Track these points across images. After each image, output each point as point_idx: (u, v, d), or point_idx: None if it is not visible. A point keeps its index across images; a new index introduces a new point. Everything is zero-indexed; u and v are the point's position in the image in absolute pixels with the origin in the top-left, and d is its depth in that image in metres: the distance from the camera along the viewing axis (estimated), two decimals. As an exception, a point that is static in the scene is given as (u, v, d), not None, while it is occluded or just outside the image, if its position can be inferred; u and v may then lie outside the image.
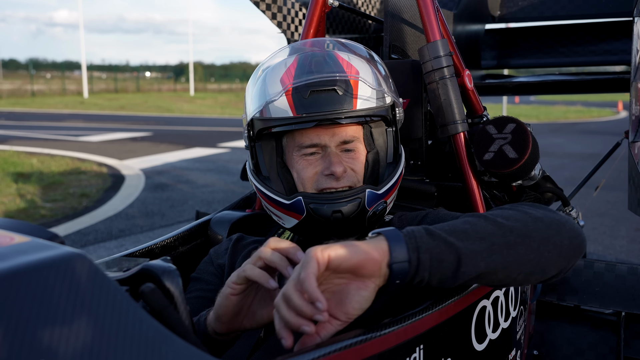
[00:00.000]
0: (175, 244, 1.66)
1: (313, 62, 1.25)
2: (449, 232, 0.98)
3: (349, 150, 1.28)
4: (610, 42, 2.80)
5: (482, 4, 2.85)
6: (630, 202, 1.88)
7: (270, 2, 2.20)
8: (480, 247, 0.98)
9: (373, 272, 0.91)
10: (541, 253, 1.04)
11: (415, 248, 0.94)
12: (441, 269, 0.95)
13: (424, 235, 0.96)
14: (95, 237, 5.34)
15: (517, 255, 1.01)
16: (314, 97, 1.20)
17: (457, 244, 0.97)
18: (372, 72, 1.28)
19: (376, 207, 1.25)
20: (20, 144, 12.28)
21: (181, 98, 35.57)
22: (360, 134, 1.30)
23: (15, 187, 7.62)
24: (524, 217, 1.07)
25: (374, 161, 1.31)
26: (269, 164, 1.32)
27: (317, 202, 1.22)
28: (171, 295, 0.81)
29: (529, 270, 1.04)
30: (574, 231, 1.09)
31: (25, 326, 0.58)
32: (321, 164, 1.26)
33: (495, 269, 0.99)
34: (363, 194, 1.22)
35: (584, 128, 17.34)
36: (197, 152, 11.48)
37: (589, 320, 2.07)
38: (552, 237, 1.05)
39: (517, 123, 1.55)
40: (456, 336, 1.19)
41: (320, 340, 0.90)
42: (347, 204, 1.21)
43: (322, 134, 1.25)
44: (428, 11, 1.60)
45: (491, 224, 1.03)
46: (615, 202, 6.57)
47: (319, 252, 0.88)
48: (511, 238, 1.01)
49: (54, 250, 0.66)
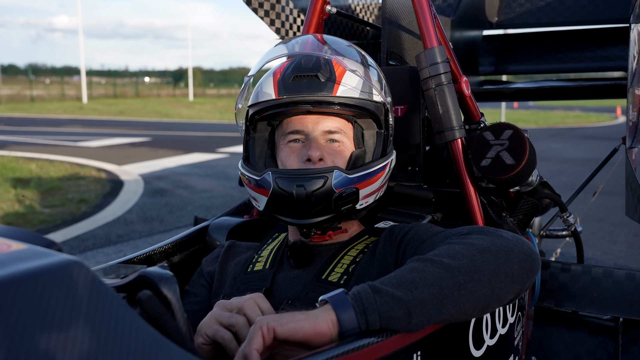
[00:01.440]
0: (174, 250, 1.66)
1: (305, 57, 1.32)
2: (396, 286, 0.97)
3: (334, 141, 1.30)
4: (607, 49, 2.81)
5: (480, 11, 2.86)
6: (628, 207, 1.89)
7: (269, 9, 2.21)
8: (429, 295, 0.97)
9: (321, 344, 0.92)
10: (493, 285, 1.03)
11: (362, 311, 0.94)
12: (392, 325, 0.95)
13: (371, 295, 0.95)
14: (94, 243, 5.33)
15: (469, 294, 1.00)
16: (296, 82, 1.27)
17: (405, 297, 0.96)
18: (363, 68, 1.33)
19: (344, 190, 1.24)
20: (19, 150, 12.28)
21: (180, 103, 35.61)
22: (349, 130, 1.33)
23: (14, 192, 7.62)
24: (470, 250, 1.05)
25: (357, 157, 1.32)
26: (258, 155, 1.37)
27: (282, 176, 1.24)
28: (168, 302, 0.81)
29: (484, 304, 1.03)
30: (522, 254, 1.08)
31: (22, 334, 0.58)
32: (302, 151, 1.29)
33: (449, 312, 0.99)
34: (330, 173, 1.23)
35: (582, 133, 17.37)
36: (196, 157, 11.49)
37: (587, 326, 2.07)
38: (502, 266, 1.05)
39: (514, 129, 1.56)
40: (454, 342, 1.19)
41: None
42: (311, 180, 1.21)
43: (306, 121, 1.29)
44: (425, 18, 1.61)
45: (438, 267, 1.01)
46: (613, 207, 6.58)
47: (264, 326, 0.90)
48: (460, 278, 1.00)
49: (51, 257, 0.66)
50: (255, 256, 1.41)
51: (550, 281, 2.05)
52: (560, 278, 2.04)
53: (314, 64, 1.28)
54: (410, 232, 1.27)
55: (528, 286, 1.11)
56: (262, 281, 1.31)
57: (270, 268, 1.34)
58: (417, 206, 1.63)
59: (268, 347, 0.92)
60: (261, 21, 2.23)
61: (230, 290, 1.33)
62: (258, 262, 1.38)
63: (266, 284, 1.30)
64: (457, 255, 1.04)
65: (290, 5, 2.29)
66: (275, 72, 1.32)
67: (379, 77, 1.38)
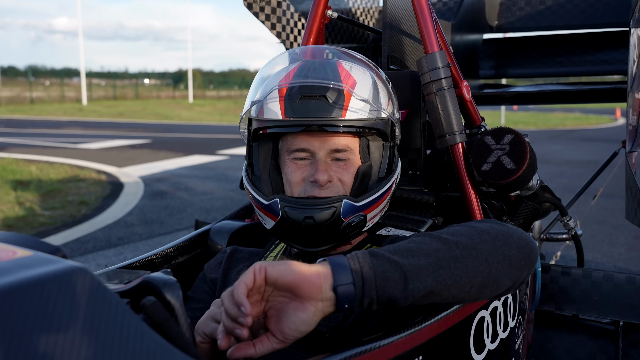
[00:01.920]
0: (175, 254, 1.66)
1: (312, 68, 1.26)
2: (393, 252, 0.98)
3: (340, 159, 1.27)
4: (607, 52, 2.82)
5: (480, 15, 2.87)
6: (628, 211, 1.89)
7: (270, 13, 2.22)
8: (426, 263, 0.97)
9: (310, 294, 0.90)
10: (490, 264, 1.03)
11: (358, 268, 0.94)
12: (388, 288, 0.94)
13: (367, 256, 0.96)
14: (94, 245, 5.33)
15: (465, 268, 1.01)
16: (303, 102, 1.21)
17: (402, 261, 0.96)
18: (372, 85, 1.28)
19: (352, 219, 1.23)
20: (19, 152, 12.29)
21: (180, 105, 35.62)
22: (355, 146, 1.30)
23: (14, 194, 7.62)
24: (469, 231, 1.07)
25: (364, 174, 1.30)
26: (262, 165, 1.34)
27: (292, 206, 1.22)
28: (172, 308, 0.82)
29: (481, 282, 1.03)
30: (521, 241, 1.09)
31: (28, 340, 0.59)
32: (309, 170, 1.27)
33: (445, 282, 0.99)
34: (339, 203, 1.21)
35: (582, 135, 17.39)
36: (196, 159, 11.49)
37: (587, 330, 2.07)
38: (499, 248, 1.05)
39: (514, 134, 1.56)
40: (455, 347, 1.19)
41: (255, 353, 0.91)
42: (320, 212, 1.20)
43: (312, 140, 1.26)
44: (426, 23, 1.62)
45: (436, 240, 1.02)
46: (613, 209, 6.58)
47: (257, 265, 0.91)
48: (457, 252, 1.01)
49: (56, 264, 0.66)
50: None
51: (551, 285, 2.05)
52: (560, 282, 2.04)
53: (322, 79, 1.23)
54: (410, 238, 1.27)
55: (525, 275, 1.11)
56: None
57: None
58: (418, 210, 1.64)
59: (262, 297, 0.92)
60: (262, 24, 2.24)
61: None
62: None
63: None
64: (456, 233, 1.06)
65: (291, 9, 2.30)
66: (281, 84, 1.25)
67: (389, 91, 1.34)
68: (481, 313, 1.29)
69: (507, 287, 1.09)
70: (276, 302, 0.93)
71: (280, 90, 1.24)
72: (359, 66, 1.31)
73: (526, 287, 1.75)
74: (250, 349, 0.91)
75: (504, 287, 1.08)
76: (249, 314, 0.87)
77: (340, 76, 1.24)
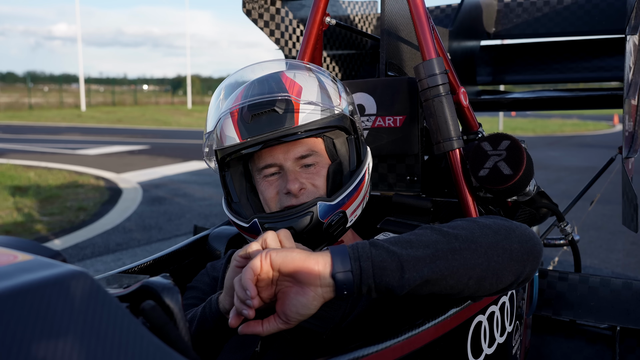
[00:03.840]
0: (174, 260, 1.67)
1: (255, 86, 1.29)
2: (393, 243, 1.01)
3: (308, 165, 1.30)
4: (604, 59, 2.84)
5: (477, 21, 2.88)
6: (624, 217, 1.90)
7: (268, 19, 2.23)
8: (423, 254, 1.00)
9: (310, 280, 0.95)
10: (490, 257, 1.04)
11: (357, 257, 0.97)
12: (385, 276, 0.97)
13: (367, 246, 0.99)
14: (93, 251, 5.33)
15: (464, 260, 1.02)
16: (256, 120, 1.24)
17: (399, 251, 0.99)
18: (318, 86, 1.31)
19: (332, 218, 1.26)
20: (18, 157, 12.28)
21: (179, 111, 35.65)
22: (320, 147, 1.32)
23: (13, 200, 7.62)
24: (471, 225, 1.08)
25: (334, 172, 1.32)
26: (239, 190, 1.37)
27: (270, 222, 1.26)
28: (171, 312, 0.82)
29: (479, 275, 1.04)
30: (524, 235, 1.10)
31: (28, 344, 0.59)
32: (280, 183, 1.29)
33: (442, 273, 1.00)
34: (315, 207, 1.24)
35: (580, 141, 17.42)
36: (194, 165, 11.49)
37: (585, 335, 2.08)
38: (500, 242, 1.06)
39: (511, 140, 1.57)
40: (452, 351, 1.20)
41: (262, 331, 1.00)
42: (298, 220, 1.23)
43: (276, 153, 1.28)
44: (424, 30, 1.63)
45: (436, 233, 1.05)
46: (611, 215, 6.59)
47: (265, 251, 0.97)
48: (456, 244, 1.03)
49: (56, 268, 0.67)
50: None
51: (548, 290, 2.06)
52: (557, 287, 2.05)
53: (267, 94, 1.25)
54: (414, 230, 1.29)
55: (529, 269, 1.10)
56: None
57: None
58: (416, 216, 1.65)
59: (271, 281, 0.97)
60: (261, 31, 2.25)
61: None
62: None
63: None
64: (458, 227, 1.08)
65: (290, 16, 2.32)
66: (232, 109, 1.28)
67: (336, 86, 1.36)
68: (478, 317, 1.30)
69: (509, 281, 1.09)
70: (282, 286, 0.99)
71: (232, 115, 1.27)
72: (302, 72, 1.34)
73: (523, 292, 1.76)
74: (258, 327, 1.00)
75: (506, 281, 1.08)
76: (254, 297, 0.94)
77: (284, 86, 1.27)
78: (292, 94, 1.25)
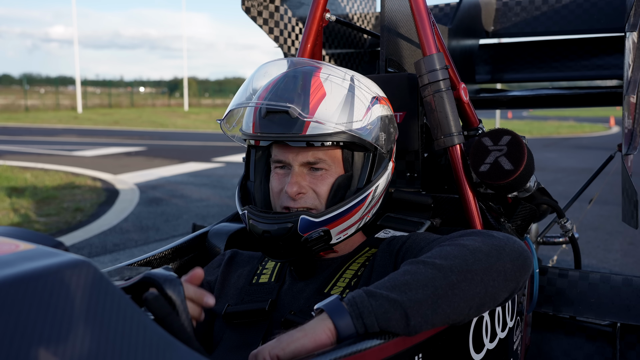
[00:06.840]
0: (173, 256, 1.66)
1: (284, 82, 1.26)
2: (390, 288, 0.99)
3: (316, 169, 1.27)
4: (603, 57, 2.85)
5: (477, 20, 2.89)
6: (624, 213, 1.90)
7: (267, 17, 2.23)
8: (424, 296, 0.99)
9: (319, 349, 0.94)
10: (486, 283, 1.05)
11: (358, 315, 0.96)
12: (391, 327, 0.97)
13: (365, 299, 0.98)
14: (90, 252, 5.31)
15: (463, 293, 1.02)
16: (269, 117, 1.25)
17: (400, 298, 0.97)
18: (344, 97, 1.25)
19: (311, 234, 1.23)
20: (14, 159, 12.24)
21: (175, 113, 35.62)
22: (334, 156, 1.27)
23: (9, 201, 7.59)
24: (461, 251, 1.07)
25: (339, 185, 1.28)
26: (257, 171, 1.39)
27: (254, 219, 1.26)
28: (173, 303, 0.82)
29: (479, 303, 1.05)
30: (514, 252, 1.10)
31: (31, 332, 0.59)
32: (286, 182, 1.29)
33: (445, 312, 1.00)
34: (296, 219, 1.22)
35: (576, 143, 17.45)
36: (191, 166, 11.47)
37: (585, 332, 2.08)
38: (494, 264, 1.06)
39: (512, 135, 1.57)
40: (454, 345, 1.19)
41: None
42: (277, 226, 1.22)
43: (287, 152, 1.28)
44: (424, 25, 1.63)
45: (430, 268, 1.03)
46: (608, 216, 6.60)
47: (267, 356, 0.93)
48: (453, 277, 1.02)
49: (58, 257, 0.66)
50: (259, 267, 1.43)
51: (548, 287, 2.06)
52: (558, 284, 2.05)
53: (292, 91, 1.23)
54: (408, 241, 1.28)
55: (522, 284, 1.13)
56: (267, 293, 1.33)
57: (276, 281, 1.36)
58: (416, 212, 1.64)
59: None
60: (258, 31, 2.25)
61: (235, 300, 1.35)
62: (263, 274, 1.40)
63: (272, 296, 1.32)
64: (449, 256, 1.06)
65: (289, 13, 2.31)
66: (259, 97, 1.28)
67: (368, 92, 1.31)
68: (480, 312, 1.29)
69: (504, 298, 1.11)
70: None
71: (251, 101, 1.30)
72: (336, 78, 1.28)
73: (524, 288, 1.75)
74: None
75: (501, 299, 1.10)
76: None
77: (309, 89, 1.23)
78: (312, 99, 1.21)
